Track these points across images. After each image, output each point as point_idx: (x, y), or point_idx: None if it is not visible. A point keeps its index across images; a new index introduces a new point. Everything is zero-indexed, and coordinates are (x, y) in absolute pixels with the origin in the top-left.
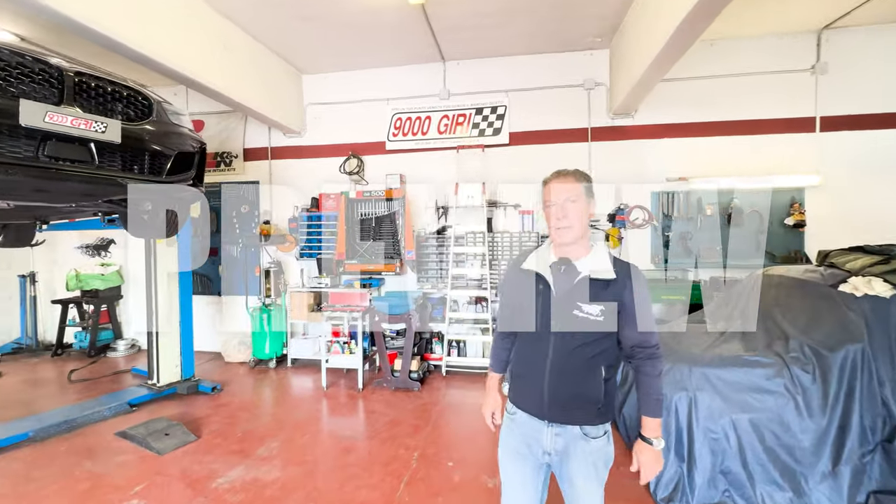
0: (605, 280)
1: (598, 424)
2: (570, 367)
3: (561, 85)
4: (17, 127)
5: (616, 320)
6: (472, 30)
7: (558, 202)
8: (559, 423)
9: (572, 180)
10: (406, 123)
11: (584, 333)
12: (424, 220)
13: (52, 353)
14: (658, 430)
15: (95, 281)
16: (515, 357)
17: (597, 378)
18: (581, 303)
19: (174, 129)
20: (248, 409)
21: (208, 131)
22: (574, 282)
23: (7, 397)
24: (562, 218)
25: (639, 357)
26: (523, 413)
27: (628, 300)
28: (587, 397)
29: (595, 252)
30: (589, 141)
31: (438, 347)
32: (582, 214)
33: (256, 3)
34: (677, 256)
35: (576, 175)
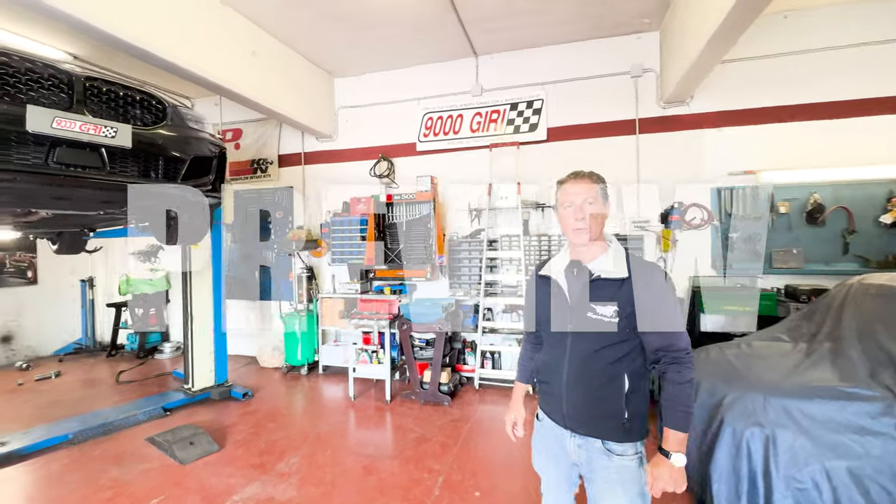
0: (618, 279)
1: (625, 442)
2: (588, 373)
3: (603, 74)
4: (24, 133)
5: (632, 322)
6: (504, 19)
7: (576, 203)
8: (580, 433)
9: (589, 182)
10: (437, 123)
11: (600, 337)
12: (456, 223)
13: (107, 353)
14: (681, 445)
15: (144, 285)
16: (539, 364)
17: (619, 387)
18: (594, 304)
19: (190, 134)
20: (275, 418)
21: (246, 139)
22: (586, 283)
23: (61, 397)
24: (580, 219)
25: (663, 361)
26: (549, 420)
27: (646, 300)
28: (607, 408)
29: (610, 252)
30: (636, 133)
31: (471, 358)
32: (598, 215)
33: (283, 6)
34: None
35: (592, 177)
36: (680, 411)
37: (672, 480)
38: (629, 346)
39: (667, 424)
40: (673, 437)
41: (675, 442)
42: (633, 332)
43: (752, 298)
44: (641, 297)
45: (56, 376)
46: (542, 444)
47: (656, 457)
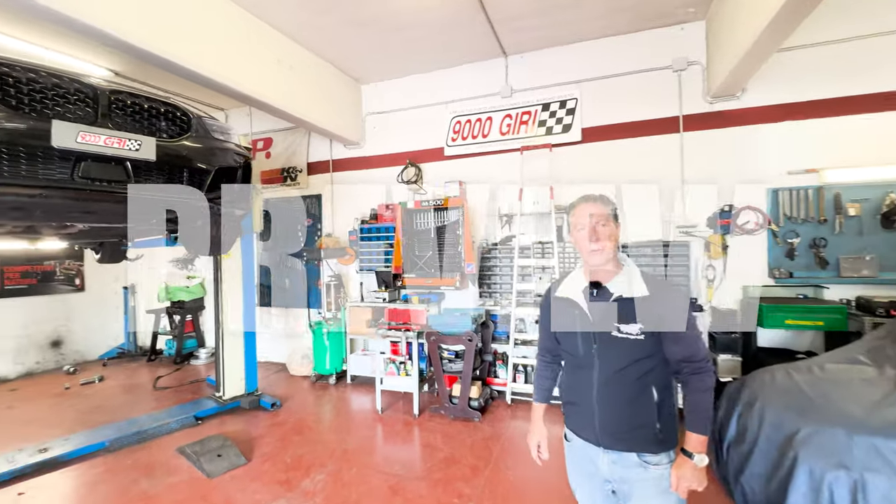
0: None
1: (660, 452)
2: (619, 391)
3: (643, 69)
4: (49, 149)
5: (657, 337)
6: (536, 16)
7: (589, 225)
8: (615, 450)
9: (600, 204)
10: (465, 126)
11: (627, 353)
12: (486, 229)
13: (147, 358)
14: (703, 446)
15: (181, 293)
16: (563, 384)
17: (649, 400)
18: (618, 323)
19: (215, 145)
20: (302, 430)
21: (276, 148)
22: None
23: (103, 402)
24: (594, 241)
25: (685, 372)
26: (579, 439)
27: (668, 316)
28: (641, 421)
29: (626, 272)
30: (680, 132)
31: (503, 371)
32: (611, 236)
33: (309, 14)
34: (807, 269)
35: (603, 200)
36: (702, 416)
37: (696, 479)
38: (654, 361)
39: (690, 428)
40: (695, 440)
41: (698, 443)
42: (657, 346)
43: (818, 311)
44: (663, 313)
45: (99, 381)
46: (574, 463)
47: (679, 458)
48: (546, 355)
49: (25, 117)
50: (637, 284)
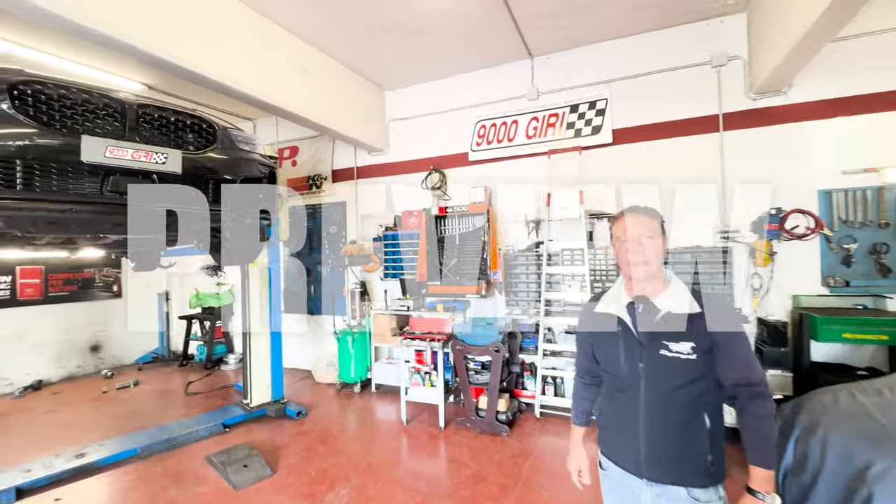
0: (690, 315)
1: (709, 486)
2: (668, 415)
3: (678, 66)
4: (79, 164)
5: (710, 357)
6: (562, 15)
7: (633, 238)
8: (660, 482)
9: (646, 217)
10: (490, 130)
11: (677, 375)
12: (512, 235)
13: (179, 363)
14: (770, 483)
15: (211, 299)
16: (603, 406)
17: (701, 427)
18: (667, 342)
19: (239, 156)
20: (326, 441)
21: (302, 156)
22: (655, 320)
23: (137, 407)
24: (638, 254)
25: (743, 396)
26: (616, 468)
27: (719, 335)
28: (692, 451)
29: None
30: (720, 131)
31: (531, 383)
32: (658, 250)
33: (330, 19)
34: (865, 277)
35: (650, 212)
36: (765, 447)
37: None
38: (707, 383)
39: (753, 461)
40: (762, 476)
41: (765, 480)
42: (710, 368)
43: (881, 324)
44: (717, 331)
45: (134, 385)
46: (611, 494)
47: (746, 498)
48: (585, 376)
49: (57, 133)
50: (687, 300)
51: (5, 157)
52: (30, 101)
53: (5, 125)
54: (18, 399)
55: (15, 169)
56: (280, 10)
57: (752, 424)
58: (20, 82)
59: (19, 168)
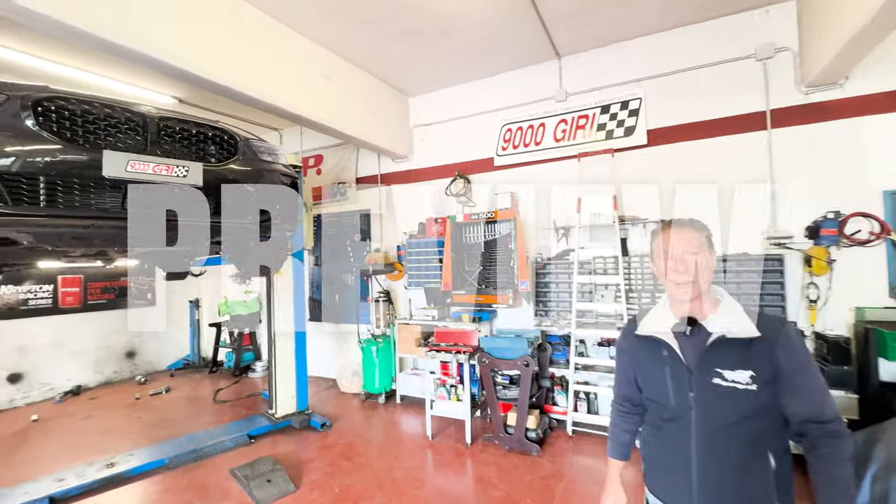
0: (748, 339)
1: None
2: (725, 454)
3: (719, 60)
4: (101, 178)
5: (773, 389)
6: (591, 11)
7: (676, 254)
8: None
9: (691, 231)
10: (516, 134)
11: (735, 408)
12: (541, 243)
13: (209, 369)
14: None
15: (239, 307)
16: (648, 437)
17: (765, 468)
18: (721, 369)
19: (261, 167)
20: (350, 456)
21: (326, 164)
22: (707, 345)
23: (167, 414)
24: (683, 272)
25: (813, 435)
26: None
27: (784, 362)
28: (753, 494)
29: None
30: (768, 128)
31: (562, 398)
32: (705, 267)
33: (355, 28)
34: None
35: (694, 225)
36: (844, 495)
37: None
38: (771, 418)
39: None
40: None
41: None
42: (773, 400)
43: None
44: (782, 359)
45: (166, 391)
46: None
47: None
48: (624, 404)
49: (79, 149)
50: (743, 322)
51: (30, 174)
52: (53, 117)
53: (30, 142)
54: (59, 404)
55: (38, 185)
56: (304, 20)
57: (824, 469)
58: (44, 98)
59: (42, 184)
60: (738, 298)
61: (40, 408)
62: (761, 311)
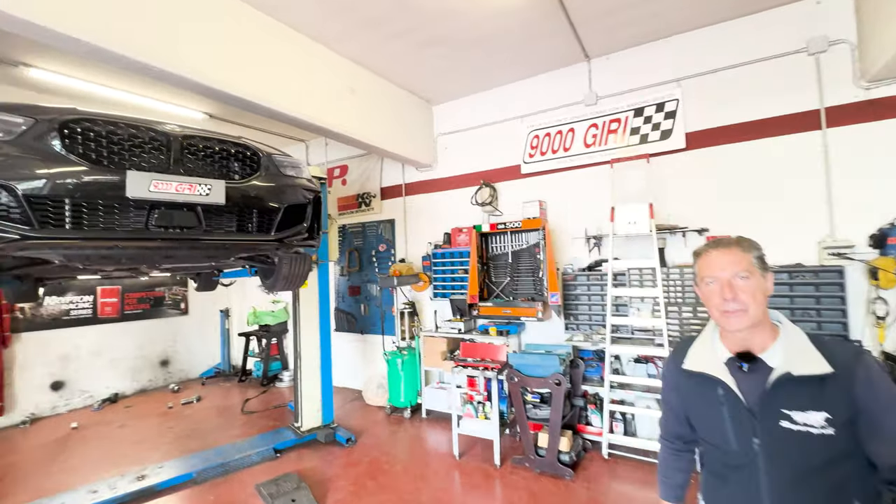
0: (819, 375)
1: None
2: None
3: (764, 57)
4: (125, 199)
5: (854, 431)
6: (624, 10)
7: (722, 278)
8: None
9: (738, 251)
10: (544, 140)
11: (810, 454)
12: (571, 253)
13: (238, 378)
14: None
15: (267, 317)
16: (709, 485)
17: None
18: (790, 411)
19: (283, 182)
20: (375, 475)
21: (351, 174)
22: (769, 382)
23: (197, 425)
24: (730, 299)
25: None
26: None
27: (866, 402)
28: None
29: (785, 336)
30: (822, 128)
31: (596, 418)
32: (757, 292)
33: (381, 40)
34: None
35: (742, 244)
36: None
37: None
38: (854, 463)
39: None
40: None
41: None
42: (856, 444)
43: None
44: (862, 395)
45: (197, 401)
46: None
47: None
48: (675, 441)
49: (104, 170)
50: (810, 355)
51: (56, 197)
52: (79, 138)
53: (57, 165)
54: (98, 411)
55: (64, 208)
56: (331, 35)
57: None
58: (70, 121)
59: (68, 207)
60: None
61: (80, 415)
62: (828, 337)
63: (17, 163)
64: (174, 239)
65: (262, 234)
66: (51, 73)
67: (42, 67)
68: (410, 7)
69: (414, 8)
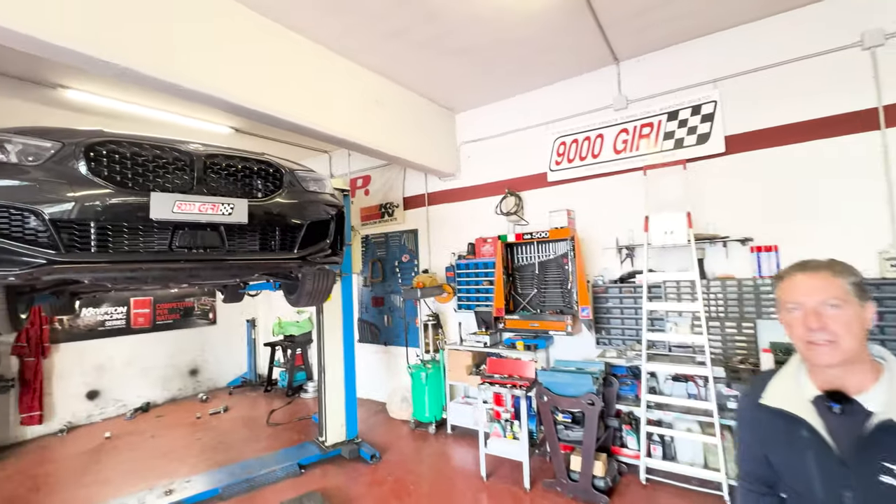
0: None
1: None
2: None
3: (811, 53)
4: (149, 221)
5: None
6: (655, 9)
7: (807, 306)
8: None
9: (828, 274)
10: (571, 147)
11: None
12: (601, 264)
13: (264, 388)
14: None
15: (292, 327)
16: None
17: None
18: (893, 465)
19: (306, 198)
20: (401, 494)
21: (374, 185)
22: (868, 429)
23: (224, 437)
24: (817, 329)
25: None
26: None
27: None
28: None
29: (892, 376)
30: (881, 128)
31: (631, 439)
32: (852, 323)
33: (404, 50)
34: None
35: (833, 267)
36: None
37: None
38: None
39: None
40: None
41: None
42: None
43: None
44: None
45: (224, 411)
46: None
47: None
48: (754, 483)
49: (129, 192)
50: None
51: (81, 221)
52: (104, 161)
53: (83, 188)
54: (130, 420)
55: (89, 231)
56: (357, 47)
57: None
58: (96, 143)
59: (93, 230)
60: None
61: (113, 424)
62: None
63: (45, 187)
64: (197, 260)
65: (286, 251)
66: (86, 94)
67: (78, 88)
68: (437, 16)
69: (440, 17)
